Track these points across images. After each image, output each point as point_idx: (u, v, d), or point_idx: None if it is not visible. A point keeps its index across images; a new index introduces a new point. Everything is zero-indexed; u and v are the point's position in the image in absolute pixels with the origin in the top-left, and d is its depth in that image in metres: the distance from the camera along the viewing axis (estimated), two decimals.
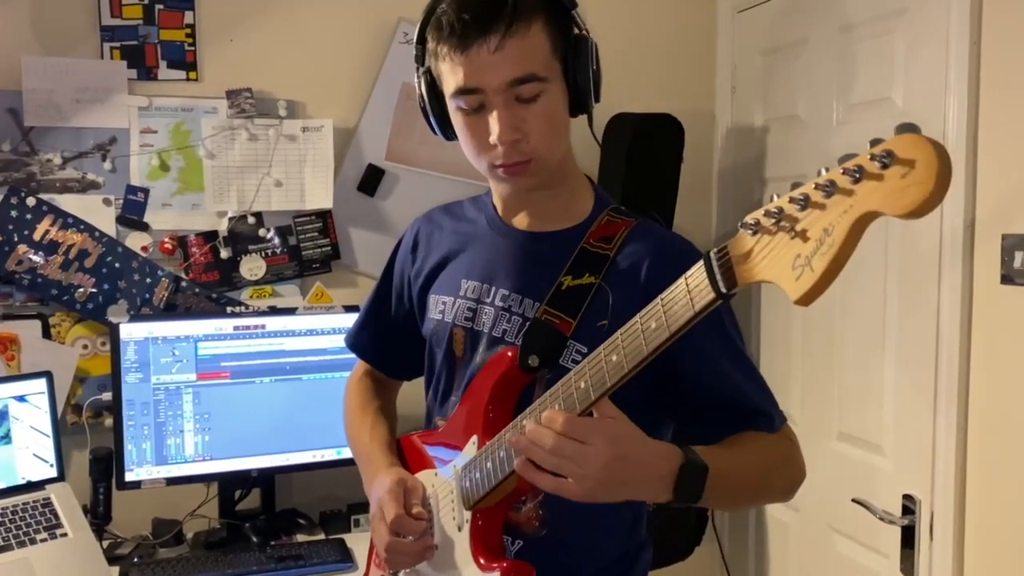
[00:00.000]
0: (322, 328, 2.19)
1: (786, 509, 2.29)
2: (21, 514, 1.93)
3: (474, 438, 1.22)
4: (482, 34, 1.11)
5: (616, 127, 2.34)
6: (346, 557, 2.00)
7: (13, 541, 1.87)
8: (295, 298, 2.33)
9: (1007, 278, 1.62)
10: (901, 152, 0.71)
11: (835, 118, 2.08)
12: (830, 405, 2.11)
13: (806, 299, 0.78)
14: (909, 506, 1.83)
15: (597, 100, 1.22)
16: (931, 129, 1.75)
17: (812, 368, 2.18)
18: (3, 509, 1.93)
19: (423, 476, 1.32)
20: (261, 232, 2.30)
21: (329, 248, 2.34)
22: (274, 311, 2.24)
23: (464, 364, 1.30)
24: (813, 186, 0.78)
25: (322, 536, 2.16)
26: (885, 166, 0.72)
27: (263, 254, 2.31)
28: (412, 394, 1.56)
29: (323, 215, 2.33)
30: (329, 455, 2.19)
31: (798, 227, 0.79)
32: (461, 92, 1.16)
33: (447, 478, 1.26)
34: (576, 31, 1.19)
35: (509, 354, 1.20)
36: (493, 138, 1.16)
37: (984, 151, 1.68)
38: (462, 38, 1.12)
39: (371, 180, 2.35)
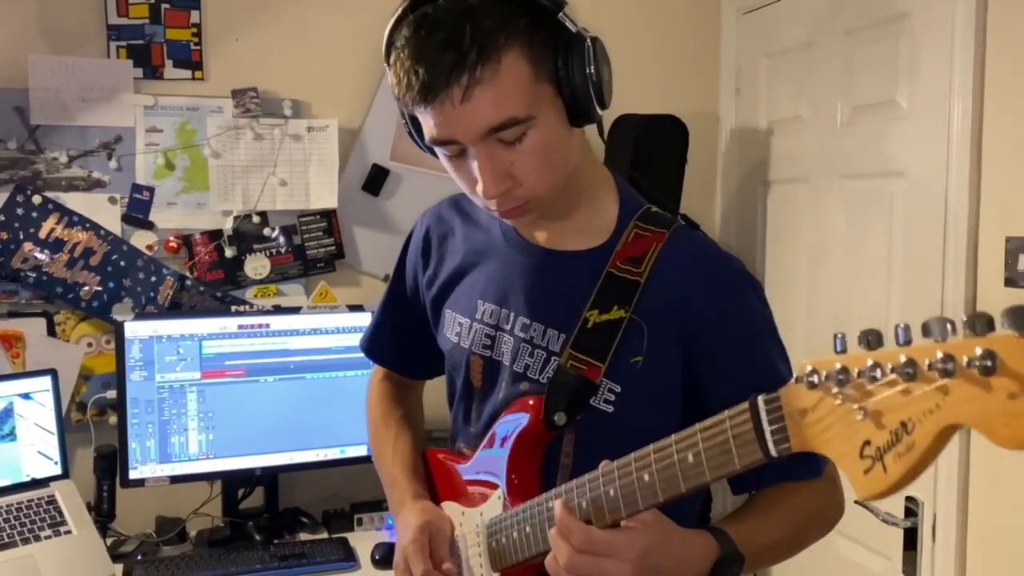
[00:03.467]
0: (326, 327, 2.19)
1: None
2: (26, 511, 1.94)
3: (499, 491, 1.14)
4: (444, 87, 0.97)
5: (620, 128, 2.34)
6: (349, 556, 2.00)
7: (18, 538, 1.88)
8: (299, 297, 2.34)
9: (1011, 281, 1.62)
10: (1012, 363, 0.58)
11: (839, 120, 2.08)
12: None
13: (874, 499, 0.70)
14: (912, 508, 1.83)
15: (604, 106, 1.06)
16: (935, 132, 1.76)
17: None
18: (8, 506, 1.94)
19: (450, 508, 1.24)
20: (266, 231, 2.30)
21: (333, 247, 2.35)
22: (278, 310, 2.24)
23: (484, 396, 1.21)
24: (894, 360, 0.66)
25: (325, 535, 2.17)
26: (988, 372, 0.59)
27: (268, 253, 2.31)
28: (436, 391, 1.49)
29: (327, 215, 2.33)
30: (333, 454, 2.19)
31: (870, 406, 0.68)
32: (437, 143, 1.04)
33: (475, 523, 1.18)
34: (570, 30, 1.03)
35: (532, 410, 1.11)
36: (478, 190, 1.04)
37: (988, 154, 1.68)
38: (424, 94, 0.98)
39: (375, 180, 2.36)
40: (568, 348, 1.09)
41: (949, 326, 0.62)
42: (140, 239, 2.22)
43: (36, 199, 2.13)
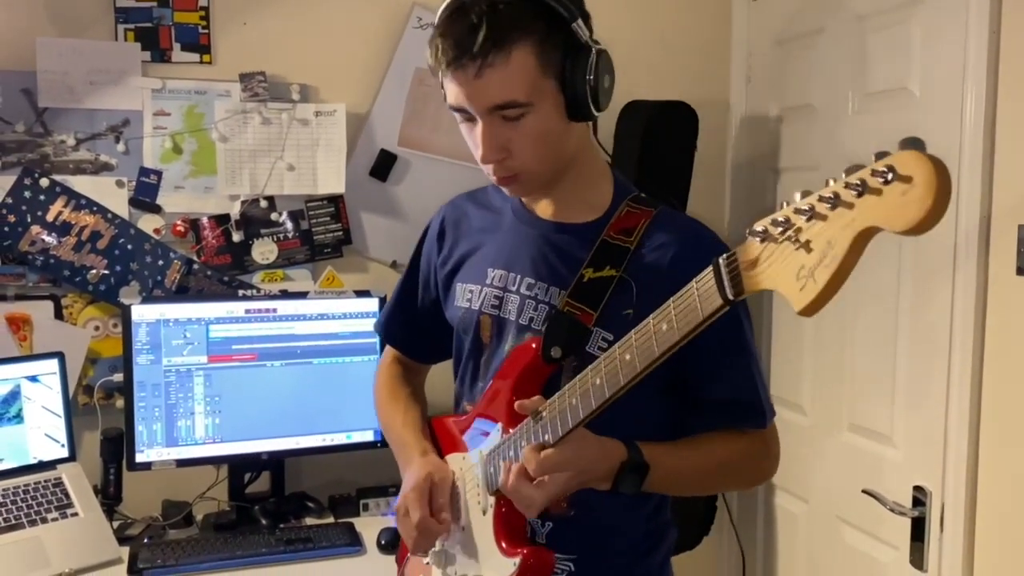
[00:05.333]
0: (333, 313, 2.19)
1: (795, 500, 2.29)
2: (32, 493, 1.95)
3: (499, 425, 1.27)
4: (463, 62, 1.17)
5: (630, 114, 2.33)
6: (355, 541, 2.01)
7: (24, 520, 1.89)
8: (306, 282, 2.34)
9: (1023, 269, 1.60)
10: (901, 168, 0.72)
11: (850, 108, 2.06)
12: (841, 396, 2.10)
13: (809, 310, 0.80)
14: (919, 498, 1.82)
15: (600, 109, 1.24)
16: (948, 120, 1.74)
17: (823, 358, 2.17)
18: (15, 488, 1.94)
19: (452, 459, 1.38)
20: (273, 216, 2.30)
21: (341, 233, 2.34)
22: (285, 295, 2.24)
23: (491, 351, 1.35)
24: (818, 197, 0.79)
25: (331, 520, 2.17)
26: (886, 181, 0.73)
27: (275, 238, 2.31)
28: (440, 379, 1.60)
29: (335, 200, 2.33)
30: (339, 439, 2.19)
31: (802, 237, 0.80)
32: (453, 108, 1.24)
33: (474, 463, 1.30)
34: (580, 39, 1.20)
35: (533, 345, 1.25)
36: (478, 154, 1.23)
37: (1001, 142, 1.66)
38: (447, 64, 1.19)
39: (383, 165, 2.35)
40: (565, 297, 1.25)
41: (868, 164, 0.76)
42: (147, 223, 2.22)
43: (44, 182, 2.13)
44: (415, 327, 1.56)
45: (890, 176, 0.73)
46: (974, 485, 1.72)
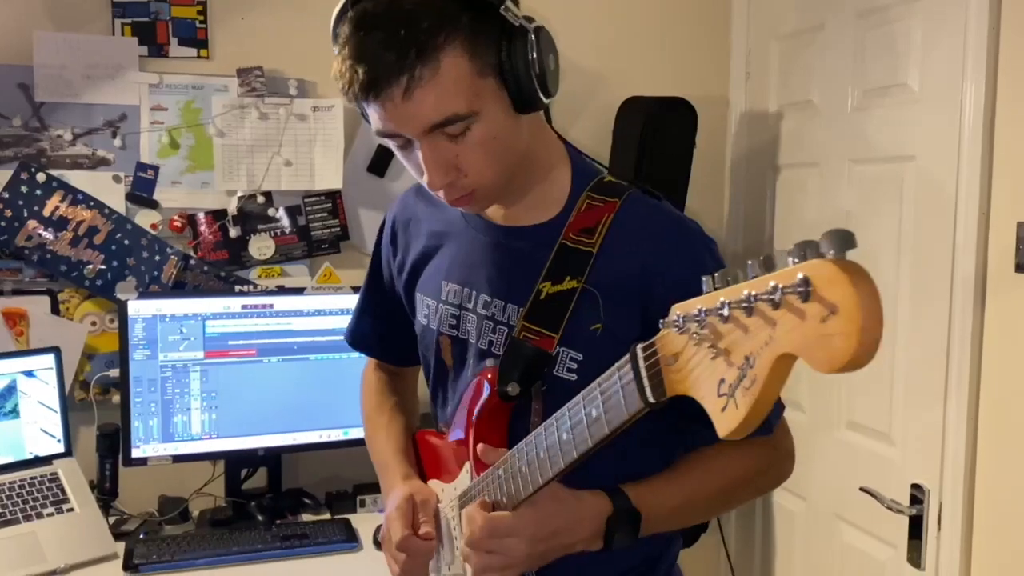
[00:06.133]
0: (330, 309, 2.18)
1: (793, 498, 2.28)
2: (28, 488, 1.94)
3: (467, 465, 1.18)
4: (385, 87, 0.99)
5: (629, 110, 2.33)
6: (351, 537, 2.00)
7: (20, 515, 1.89)
8: (304, 278, 2.33)
9: (1021, 267, 1.60)
10: (821, 288, 0.60)
11: (850, 104, 2.06)
12: (839, 393, 2.10)
13: (734, 436, 0.70)
14: (917, 496, 1.81)
15: (550, 95, 1.08)
16: (948, 116, 1.73)
17: None
18: (11, 483, 1.94)
19: (435, 486, 1.28)
20: (270, 212, 2.29)
21: (338, 228, 2.34)
22: (282, 291, 2.24)
23: (455, 376, 1.25)
24: (735, 297, 0.67)
25: (328, 516, 2.17)
26: (804, 298, 0.61)
27: (272, 234, 2.30)
28: None
29: (332, 195, 2.32)
30: (336, 435, 2.19)
31: (720, 344, 0.70)
32: (382, 135, 1.07)
33: (451, 499, 1.22)
34: (512, 23, 1.04)
35: (486, 383, 1.14)
36: (424, 180, 1.08)
37: (1000, 138, 1.65)
38: (366, 92, 1.01)
39: (381, 161, 2.34)
40: (521, 320, 1.12)
41: (790, 258, 0.63)
42: (144, 218, 2.21)
43: (40, 177, 2.13)
44: (387, 331, 1.43)
45: (807, 293, 0.61)
46: (972, 483, 1.72)
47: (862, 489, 1.93)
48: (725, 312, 0.68)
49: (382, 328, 1.44)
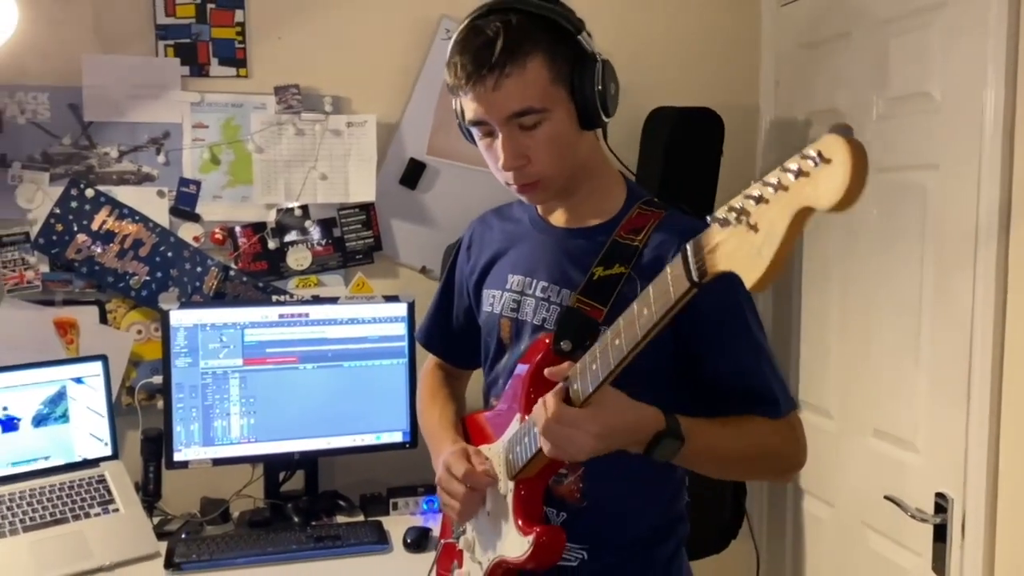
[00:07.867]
0: (363, 317, 2.25)
1: (821, 504, 2.28)
2: (77, 489, 2.04)
3: (518, 415, 1.34)
4: (481, 76, 1.25)
5: (655, 121, 2.36)
6: (382, 539, 2.06)
7: (69, 514, 1.98)
8: (339, 288, 2.40)
9: None
10: (825, 151, 0.78)
11: (875, 112, 2.06)
12: (865, 400, 2.10)
13: (759, 285, 0.86)
14: (942, 504, 1.81)
15: (608, 115, 1.32)
16: (969, 121, 1.73)
17: (849, 362, 2.17)
18: (60, 484, 2.04)
19: (481, 449, 1.45)
20: (307, 224, 2.37)
21: (372, 240, 2.40)
22: (317, 300, 2.31)
23: (511, 350, 1.45)
24: (763, 182, 0.85)
25: (361, 518, 2.23)
26: (816, 164, 0.79)
27: (308, 245, 2.38)
28: (477, 382, 1.64)
29: (366, 208, 2.39)
30: (368, 440, 2.25)
31: (751, 220, 0.86)
32: (473, 123, 1.32)
33: (498, 451, 1.38)
34: (585, 50, 1.29)
35: (546, 340, 1.32)
36: (499, 164, 1.31)
37: (1021, 146, 1.65)
38: (467, 80, 1.26)
39: (413, 174, 2.41)
40: (576, 295, 1.32)
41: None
42: (187, 231, 2.31)
43: (89, 192, 2.23)
44: (451, 334, 1.65)
45: (818, 159, 0.78)
46: (994, 492, 1.71)
47: (887, 498, 1.93)
48: (756, 193, 0.85)
49: (447, 331, 1.66)
